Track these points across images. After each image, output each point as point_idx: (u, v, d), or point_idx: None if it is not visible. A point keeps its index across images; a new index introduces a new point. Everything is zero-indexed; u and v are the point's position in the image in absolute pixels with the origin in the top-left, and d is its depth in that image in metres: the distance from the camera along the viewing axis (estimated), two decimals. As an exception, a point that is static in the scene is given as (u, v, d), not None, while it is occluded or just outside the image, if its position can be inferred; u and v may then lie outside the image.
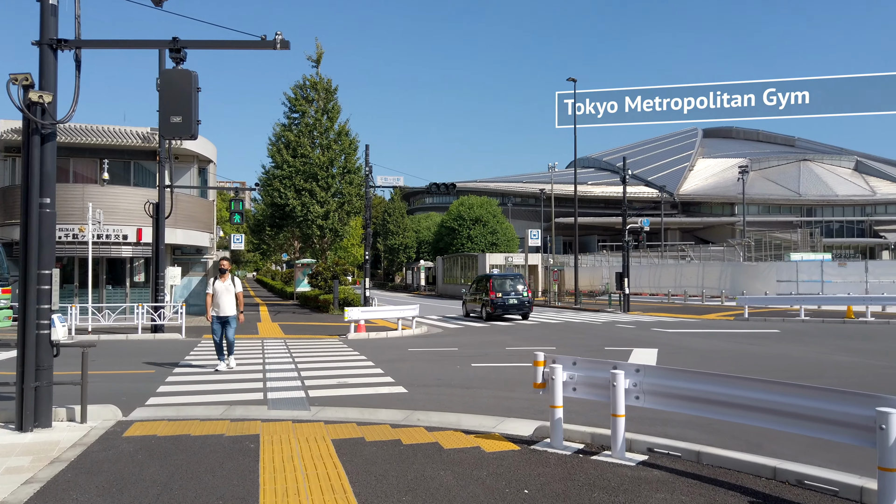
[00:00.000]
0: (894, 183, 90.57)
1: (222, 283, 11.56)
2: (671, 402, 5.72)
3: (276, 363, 12.41)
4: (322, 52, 36.24)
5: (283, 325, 22.51)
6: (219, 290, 11.52)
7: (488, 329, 21.33)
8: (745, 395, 5.13)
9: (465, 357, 13.22)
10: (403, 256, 76.61)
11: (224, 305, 11.44)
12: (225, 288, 11.53)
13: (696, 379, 5.50)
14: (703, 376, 5.49)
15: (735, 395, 5.19)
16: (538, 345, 15.79)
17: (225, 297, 11.47)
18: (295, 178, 33.85)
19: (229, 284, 11.59)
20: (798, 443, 6.28)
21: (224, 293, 11.49)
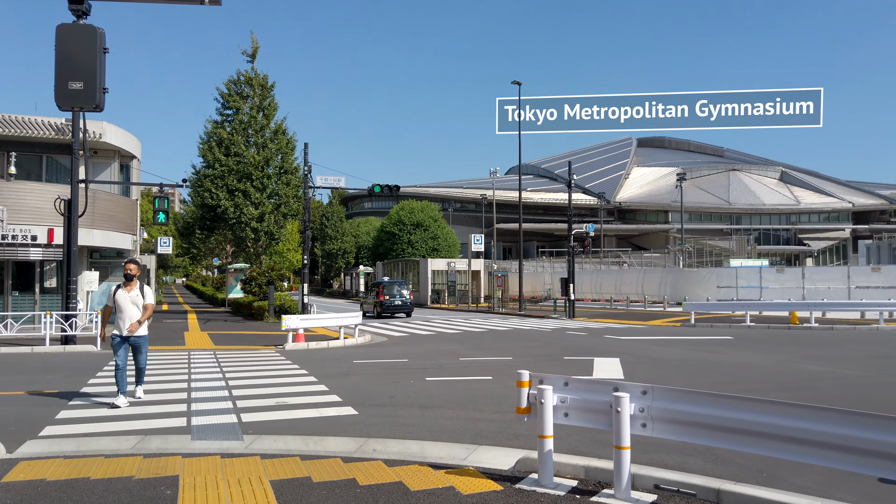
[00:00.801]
0: (816, 193, 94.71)
1: (127, 294, 8.79)
2: (687, 431, 4.77)
3: (204, 379, 10.95)
4: (258, 46, 34.49)
5: (213, 334, 20.81)
6: (122, 301, 8.76)
7: (436, 337, 20.24)
8: (786, 424, 4.21)
9: (418, 370, 12.08)
10: (342, 262, 74.76)
11: (127, 322, 8.73)
12: (131, 300, 8.79)
13: (721, 404, 4.57)
14: (728, 400, 4.55)
15: (773, 424, 4.27)
16: (492, 354, 14.80)
17: (130, 312, 8.75)
18: (227, 177, 31.94)
19: (137, 295, 8.85)
20: (818, 472, 5.45)
21: (128, 306, 8.76)
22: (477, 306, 41.20)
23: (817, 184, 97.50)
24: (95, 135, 21.80)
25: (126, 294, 8.80)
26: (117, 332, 8.78)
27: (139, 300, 8.85)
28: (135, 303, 8.81)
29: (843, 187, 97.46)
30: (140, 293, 8.92)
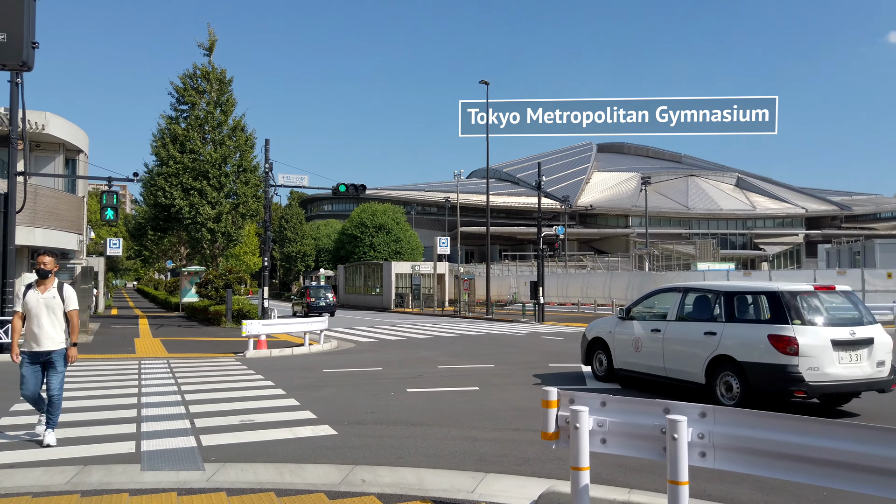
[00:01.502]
0: (771, 199, 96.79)
1: (40, 296, 6.55)
2: (759, 463, 3.92)
3: (157, 393, 9.75)
4: (215, 39, 32.96)
5: (166, 341, 19.39)
6: (33, 306, 6.53)
7: (406, 343, 19.23)
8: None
9: (396, 380, 11.07)
10: (301, 265, 72.99)
11: (42, 334, 6.49)
12: (45, 304, 6.54)
13: (811, 431, 3.72)
14: (822, 427, 3.71)
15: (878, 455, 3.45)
16: (470, 361, 13.88)
17: (44, 321, 6.51)
18: (183, 175, 30.30)
19: (54, 297, 6.58)
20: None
21: (42, 313, 6.52)
22: (443, 310, 40.29)
23: (772, 190, 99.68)
24: (38, 126, 20.17)
25: (38, 296, 6.54)
26: (27, 349, 6.53)
27: (57, 305, 6.57)
28: (50, 308, 6.54)
29: (796, 193, 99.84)
30: (58, 295, 6.60)
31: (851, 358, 7.90)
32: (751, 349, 8.12)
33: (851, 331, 7.94)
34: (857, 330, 7.99)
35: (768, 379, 7.92)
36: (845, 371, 7.81)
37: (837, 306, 8.49)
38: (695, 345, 8.86)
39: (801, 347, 7.73)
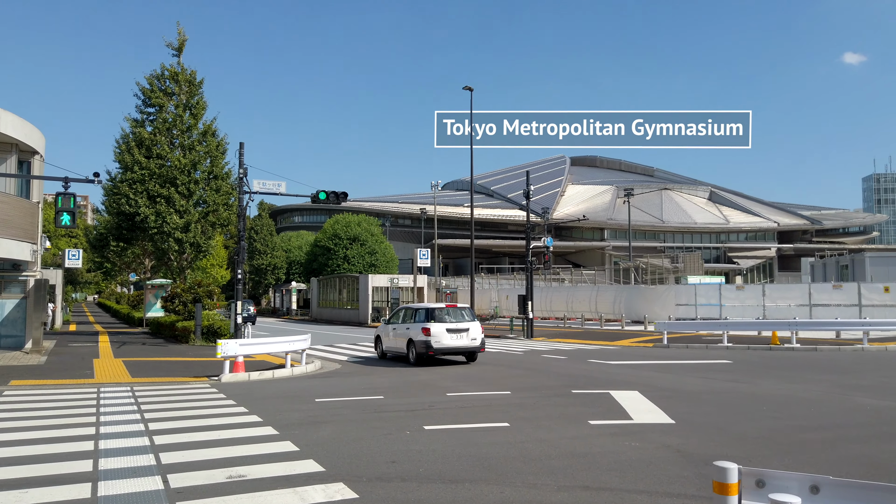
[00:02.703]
0: (744, 213, 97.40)
1: None
2: None
3: (118, 433, 8.00)
4: (185, 38, 31.09)
5: (129, 361, 17.43)
6: None
7: (397, 364, 17.58)
8: None
9: (405, 412, 9.45)
10: (272, 278, 70.57)
11: None
12: None
13: None
14: None
15: None
16: (480, 386, 12.32)
17: None
18: (148, 182, 28.24)
19: None
20: None
21: None
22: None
23: (744, 203, 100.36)
24: (-14, 122, 18.14)
25: None
26: None
27: None
28: None
29: (767, 207, 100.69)
30: None
31: (456, 337, 16.69)
32: (418, 334, 16.72)
33: (457, 325, 16.82)
34: (460, 325, 16.91)
35: (422, 347, 16.53)
36: (453, 343, 16.66)
37: (454, 312, 17.43)
38: (404, 334, 17.56)
39: (431, 333, 16.46)
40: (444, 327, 16.52)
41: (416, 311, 17.60)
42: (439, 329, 16.41)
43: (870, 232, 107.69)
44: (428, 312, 16.94)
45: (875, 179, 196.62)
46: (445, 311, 17.20)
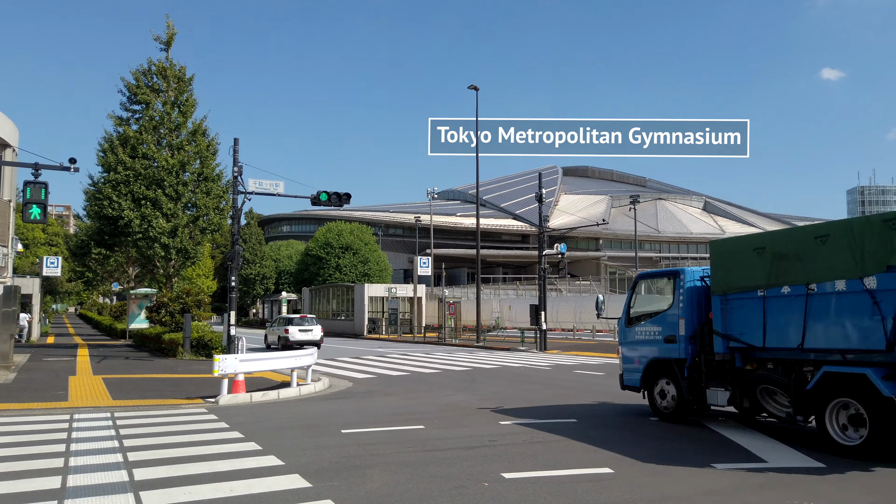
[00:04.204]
0: (738, 223, 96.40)
1: None
2: None
3: (92, 486, 5.99)
4: (174, 32, 28.99)
5: (110, 379, 15.29)
6: None
7: (414, 379, 15.62)
8: None
9: (462, 450, 7.47)
10: (261, 288, 68.21)
11: None
12: None
13: None
14: None
15: None
16: (524, 409, 10.39)
17: None
18: (133, 183, 26.06)
19: None
20: None
21: None
22: (424, 337, 36.60)
23: (739, 214, 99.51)
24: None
25: None
26: None
27: None
28: None
29: (762, 218, 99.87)
30: None
31: (305, 334, 28.17)
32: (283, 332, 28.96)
33: (306, 327, 28.67)
34: (307, 327, 28.79)
35: (284, 341, 28.07)
36: (302, 337, 27.94)
37: (306, 320, 29.68)
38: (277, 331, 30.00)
39: (290, 332, 28.25)
40: (297, 328, 28.54)
41: (285, 320, 30.02)
42: (294, 329, 28.40)
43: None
44: (289, 321, 29.56)
45: (860, 192, 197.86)
46: (299, 320, 29.77)
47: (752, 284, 8.26)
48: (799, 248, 7.84)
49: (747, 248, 8.58)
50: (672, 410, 9.38)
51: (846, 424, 7.14)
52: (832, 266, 7.29)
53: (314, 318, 30.63)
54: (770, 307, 8.00)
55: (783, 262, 7.90)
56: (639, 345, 10.25)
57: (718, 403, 8.82)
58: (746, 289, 8.33)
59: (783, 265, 7.88)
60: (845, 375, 7.07)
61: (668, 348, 9.56)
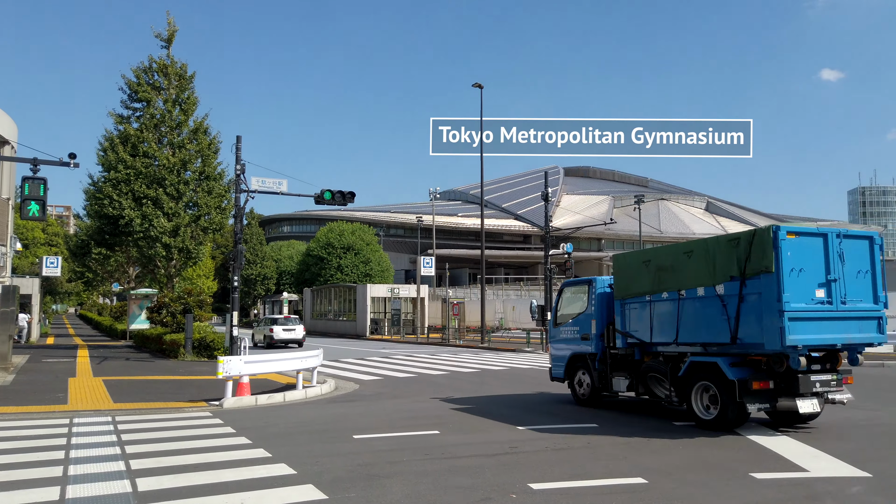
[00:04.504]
0: (741, 223, 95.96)
1: None
2: None
3: (94, 494, 5.61)
4: (175, 29, 28.65)
5: (111, 381, 14.93)
6: None
7: (421, 381, 15.26)
8: None
9: (483, 457, 7.10)
10: (261, 288, 67.83)
11: None
12: None
13: None
14: None
15: None
16: (546, 414, 10.02)
17: None
18: (134, 182, 25.70)
19: None
20: None
21: None
22: (427, 338, 36.22)
23: (741, 214, 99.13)
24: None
25: None
26: None
27: None
28: None
29: (764, 218, 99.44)
30: None
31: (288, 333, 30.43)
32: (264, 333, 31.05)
33: (289, 327, 30.84)
34: (290, 326, 31.03)
35: (269, 340, 30.32)
36: (286, 336, 30.44)
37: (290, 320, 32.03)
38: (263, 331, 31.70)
39: (274, 331, 30.28)
40: (281, 328, 30.72)
41: (270, 320, 31.93)
42: (278, 329, 30.51)
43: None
44: (273, 321, 31.71)
45: (860, 192, 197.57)
46: (283, 320, 32.21)
47: (641, 291, 10.01)
48: (674, 261, 9.56)
49: (638, 261, 10.25)
50: (587, 397, 11.17)
51: (708, 404, 8.86)
52: (695, 276, 9.09)
53: (297, 318, 34.16)
54: (654, 310, 9.74)
55: (663, 272, 9.63)
56: (563, 342, 12.01)
57: (621, 390, 10.58)
58: (638, 294, 10.07)
59: (663, 275, 9.61)
60: (705, 364, 8.83)
61: (583, 345, 11.31)
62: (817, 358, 8.63)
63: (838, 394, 8.58)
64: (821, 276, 8.32)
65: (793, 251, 8.20)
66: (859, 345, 8.68)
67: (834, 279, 8.35)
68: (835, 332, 8.35)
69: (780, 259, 8.01)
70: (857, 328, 8.51)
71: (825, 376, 8.43)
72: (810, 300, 8.19)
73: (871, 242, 8.90)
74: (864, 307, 8.61)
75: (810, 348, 8.20)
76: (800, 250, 8.30)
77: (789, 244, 8.19)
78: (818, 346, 8.33)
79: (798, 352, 7.95)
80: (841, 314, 8.37)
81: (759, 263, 8.18)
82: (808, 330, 8.07)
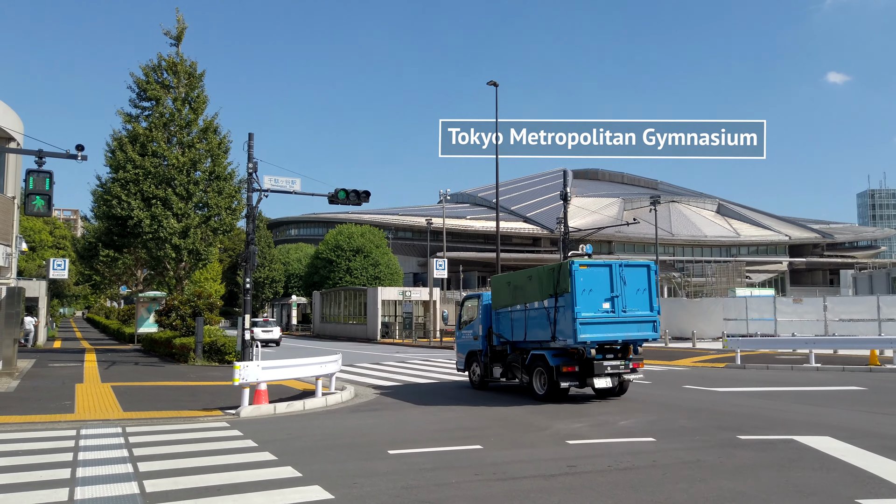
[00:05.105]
0: (754, 226, 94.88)
1: None
2: None
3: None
4: (185, 26, 28.06)
5: (120, 387, 14.21)
6: None
7: (440, 385, 14.45)
8: None
9: (542, 478, 6.32)
10: (269, 292, 67.15)
11: None
12: None
13: None
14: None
15: None
16: (587, 425, 9.24)
17: None
18: (143, 182, 25.05)
19: None
20: None
21: None
22: (441, 341, 35.41)
23: (753, 217, 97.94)
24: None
25: None
26: None
27: None
28: None
29: (778, 221, 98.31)
30: None
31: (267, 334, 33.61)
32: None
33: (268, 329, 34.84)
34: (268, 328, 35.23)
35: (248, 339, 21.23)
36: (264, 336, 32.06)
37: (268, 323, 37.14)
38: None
39: (255, 332, 20.07)
40: (261, 330, 31.68)
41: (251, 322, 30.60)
42: (258, 330, 28.57)
43: (878, 247, 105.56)
44: (254, 323, 27.09)
45: (870, 195, 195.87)
46: (263, 323, 35.60)
47: (506, 304, 13.66)
48: (523, 283, 13.12)
49: (504, 282, 13.97)
50: (478, 384, 14.65)
51: (543, 384, 12.25)
52: (533, 294, 12.63)
53: (274, 321, 40.82)
54: (513, 317, 13.35)
55: (517, 290, 13.27)
56: (464, 342, 15.46)
57: (497, 377, 14.03)
58: (504, 306, 13.71)
59: (517, 293, 13.25)
60: (539, 355, 12.34)
61: (475, 343, 14.80)
62: (611, 349, 11.91)
63: (629, 375, 12.13)
64: (607, 294, 11.55)
65: (584, 277, 11.45)
66: (638, 340, 11.98)
67: (616, 295, 11.55)
68: (617, 332, 11.62)
69: (575, 283, 11.30)
70: (636, 329, 11.75)
71: (616, 362, 11.79)
72: (598, 310, 11.41)
73: (649, 269, 12.28)
74: (642, 314, 11.79)
75: (598, 343, 11.54)
76: (590, 276, 11.53)
77: (581, 272, 11.52)
78: (603, 341, 11.61)
79: (588, 346, 11.34)
80: (622, 319, 11.57)
81: (564, 286, 11.51)
82: (596, 331, 11.39)
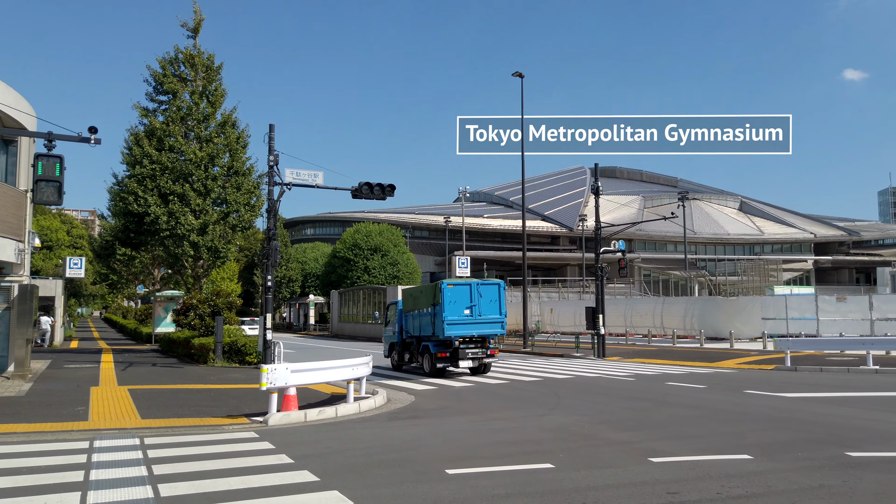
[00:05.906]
0: (777, 223, 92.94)
1: None
2: None
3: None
4: (202, 18, 27.19)
5: (137, 391, 13.32)
6: None
7: (485, 393, 13.42)
8: None
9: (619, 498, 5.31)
10: (287, 291, 66.42)
11: None
12: None
13: None
14: None
15: None
16: (663, 440, 8.20)
17: None
18: (160, 178, 24.25)
19: None
20: None
21: None
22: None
23: (776, 214, 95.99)
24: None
25: None
26: None
27: None
28: None
29: (802, 218, 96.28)
30: None
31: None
32: None
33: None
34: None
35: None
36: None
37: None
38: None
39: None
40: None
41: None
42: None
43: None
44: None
45: (892, 192, 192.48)
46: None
47: (410, 309, 19.12)
48: (418, 295, 18.78)
49: (409, 293, 19.65)
50: (395, 367, 19.89)
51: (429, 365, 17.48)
52: (424, 302, 18.00)
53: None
54: (414, 318, 18.78)
55: (416, 300, 18.78)
56: (388, 336, 21.26)
57: (407, 361, 19.45)
58: (410, 310, 19.14)
59: (416, 301, 18.75)
60: (427, 345, 17.61)
61: (393, 337, 20.34)
62: (472, 341, 17.12)
63: (487, 359, 17.38)
64: (467, 303, 16.91)
65: (450, 293, 16.85)
66: (490, 335, 17.44)
67: (474, 304, 16.94)
68: (474, 329, 16.95)
69: (444, 297, 16.72)
70: (489, 327, 17.20)
71: (476, 350, 17.07)
72: (460, 315, 16.76)
73: (499, 287, 17.54)
74: (493, 317, 17.16)
75: (461, 337, 16.90)
76: (455, 292, 16.93)
77: (448, 290, 16.89)
78: (464, 336, 16.92)
79: (454, 338, 16.81)
80: (478, 321, 16.98)
81: (438, 298, 16.87)
82: (459, 329, 16.72)
